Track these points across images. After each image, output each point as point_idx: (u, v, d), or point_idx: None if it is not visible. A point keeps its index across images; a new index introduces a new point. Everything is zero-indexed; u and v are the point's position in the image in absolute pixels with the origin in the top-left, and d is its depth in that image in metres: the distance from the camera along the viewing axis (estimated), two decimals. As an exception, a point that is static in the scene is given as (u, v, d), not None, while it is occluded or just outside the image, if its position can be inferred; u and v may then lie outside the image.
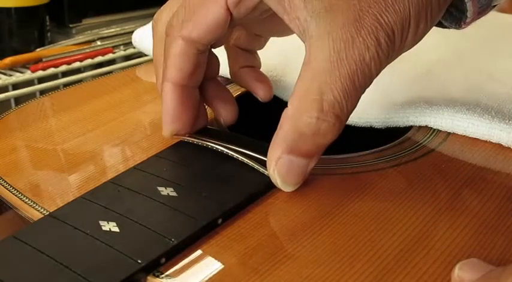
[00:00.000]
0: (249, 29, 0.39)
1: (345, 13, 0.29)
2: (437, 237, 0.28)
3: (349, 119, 0.41)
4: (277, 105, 0.44)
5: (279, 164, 0.30)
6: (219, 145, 0.34)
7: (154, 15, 0.37)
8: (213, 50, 0.37)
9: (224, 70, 0.47)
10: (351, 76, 0.29)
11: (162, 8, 0.37)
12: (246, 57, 0.41)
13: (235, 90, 0.45)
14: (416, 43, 0.31)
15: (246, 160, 0.33)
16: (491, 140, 0.36)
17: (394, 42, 0.29)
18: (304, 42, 0.30)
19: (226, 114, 0.38)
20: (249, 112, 0.46)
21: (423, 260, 0.26)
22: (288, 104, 0.30)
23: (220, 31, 0.33)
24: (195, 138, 0.35)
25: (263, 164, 0.32)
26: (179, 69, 0.34)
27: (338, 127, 0.29)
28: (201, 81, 0.36)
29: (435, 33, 0.56)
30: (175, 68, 0.34)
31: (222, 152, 0.34)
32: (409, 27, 0.30)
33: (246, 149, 0.34)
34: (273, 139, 0.30)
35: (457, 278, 0.25)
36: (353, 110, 0.30)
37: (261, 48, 0.42)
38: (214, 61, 0.38)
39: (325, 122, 0.29)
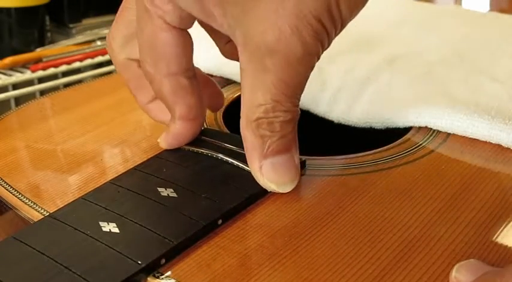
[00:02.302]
0: None
1: (261, 15, 0.27)
2: (437, 238, 0.28)
3: (349, 119, 0.42)
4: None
5: (264, 171, 0.30)
6: (213, 151, 0.34)
7: (107, 44, 0.36)
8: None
9: (223, 69, 0.47)
10: (284, 79, 0.28)
11: (110, 35, 0.36)
12: None
13: (235, 91, 0.46)
14: (359, 10, 0.29)
15: (241, 165, 0.33)
16: (491, 141, 0.36)
17: (326, 28, 0.28)
18: None
19: (212, 101, 0.38)
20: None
21: (423, 261, 0.26)
22: (240, 115, 0.30)
23: (189, 48, 0.32)
24: (189, 144, 0.35)
25: None
26: (183, 105, 0.33)
27: (291, 117, 0.29)
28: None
29: (435, 34, 0.56)
30: (179, 106, 0.33)
31: (217, 157, 0.34)
32: (338, 4, 0.27)
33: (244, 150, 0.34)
34: (245, 153, 0.31)
35: (454, 280, 0.25)
36: (301, 93, 0.29)
37: None
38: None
39: (276, 119, 0.29)
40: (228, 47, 0.39)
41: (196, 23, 0.34)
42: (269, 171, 0.30)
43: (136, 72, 0.35)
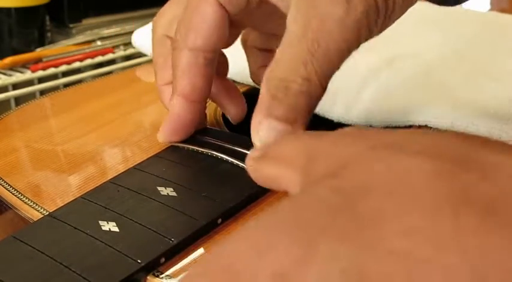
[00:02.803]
0: (260, 28, 0.39)
1: None
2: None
3: (349, 119, 0.42)
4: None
5: (260, 128, 0.29)
6: (212, 150, 0.34)
7: (154, 18, 0.37)
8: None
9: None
10: (324, 48, 0.28)
11: (161, 11, 0.37)
12: (264, 56, 0.41)
13: (235, 90, 0.45)
14: (408, 7, 0.30)
15: (241, 164, 0.32)
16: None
17: (377, 7, 0.28)
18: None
19: (234, 110, 0.38)
20: (248, 112, 0.46)
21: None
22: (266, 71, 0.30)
23: (222, 31, 0.33)
24: (189, 144, 0.35)
25: None
26: (189, 82, 0.33)
27: (307, 89, 0.29)
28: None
29: (435, 33, 0.56)
30: (185, 81, 0.33)
31: (217, 156, 0.34)
32: None
33: (245, 149, 0.34)
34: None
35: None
36: (330, 73, 0.29)
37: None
38: (222, 60, 0.38)
39: (293, 83, 0.28)
40: (260, 72, 0.40)
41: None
42: (262, 131, 0.29)
43: (168, 51, 0.36)
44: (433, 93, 0.41)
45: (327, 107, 0.43)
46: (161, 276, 0.26)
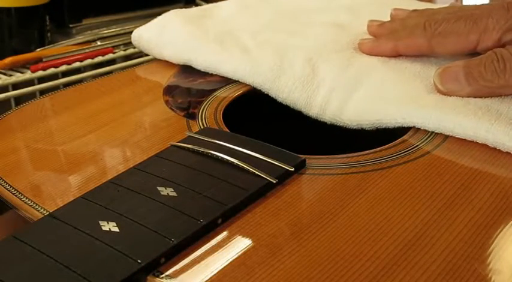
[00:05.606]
0: None
1: None
2: (436, 237, 0.28)
3: (341, 120, 0.41)
4: (277, 105, 0.44)
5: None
6: (213, 150, 0.34)
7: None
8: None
9: (221, 68, 0.47)
10: None
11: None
12: None
13: (236, 90, 0.46)
14: None
15: (241, 164, 0.33)
16: (477, 141, 0.36)
17: None
18: None
19: None
20: (249, 112, 0.46)
21: (422, 260, 0.26)
22: None
23: None
24: (189, 144, 0.35)
25: (261, 164, 0.32)
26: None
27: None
28: None
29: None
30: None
31: (217, 156, 0.34)
32: None
33: (245, 149, 0.34)
34: None
35: (445, 91, 0.40)
36: None
37: None
38: None
39: None
40: None
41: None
42: None
43: None
44: (421, 93, 0.41)
45: (319, 111, 0.43)
46: (161, 276, 0.26)
